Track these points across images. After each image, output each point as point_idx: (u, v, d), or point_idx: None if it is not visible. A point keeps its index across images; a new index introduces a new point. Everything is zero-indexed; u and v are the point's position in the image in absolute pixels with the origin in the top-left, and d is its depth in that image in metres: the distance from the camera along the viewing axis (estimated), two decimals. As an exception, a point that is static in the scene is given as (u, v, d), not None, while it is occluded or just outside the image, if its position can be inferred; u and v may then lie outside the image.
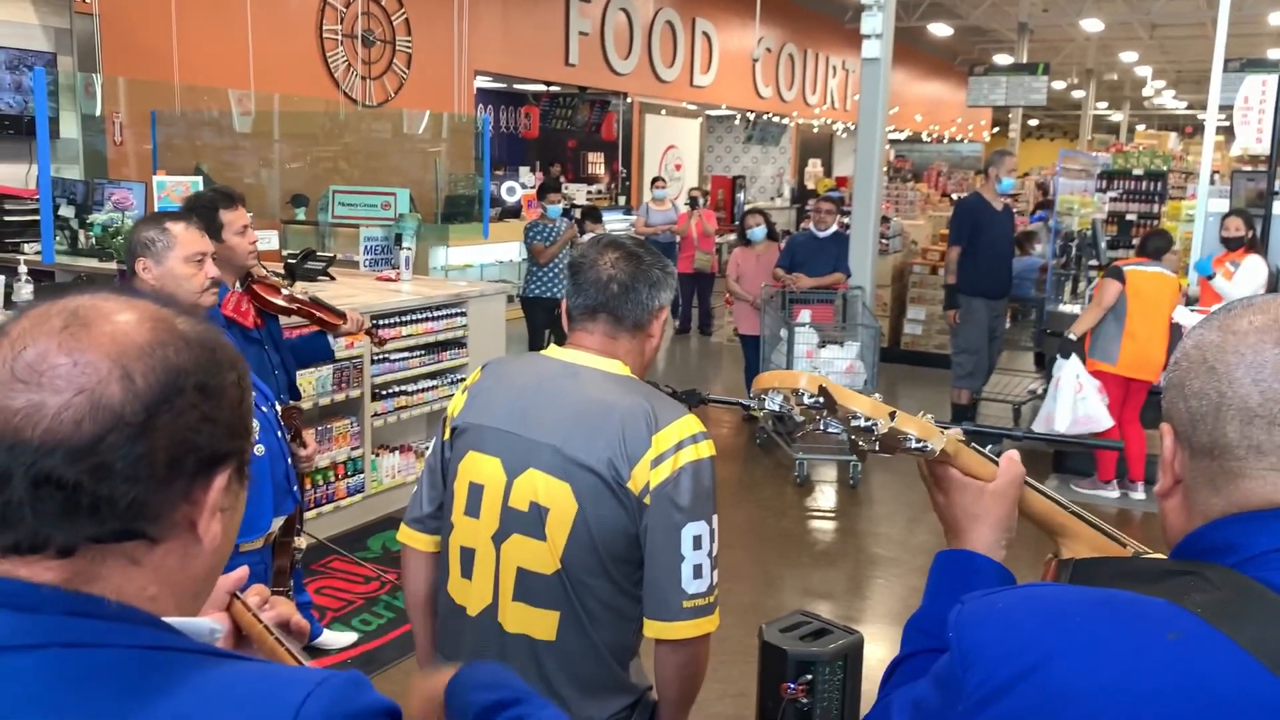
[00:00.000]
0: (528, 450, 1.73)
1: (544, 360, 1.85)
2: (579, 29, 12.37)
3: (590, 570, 1.71)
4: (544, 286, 7.53)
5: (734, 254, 7.59)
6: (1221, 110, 7.56)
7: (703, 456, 1.70)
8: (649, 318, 1.83)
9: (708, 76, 15.29)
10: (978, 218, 6.61)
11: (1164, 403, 0.93)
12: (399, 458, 5.40)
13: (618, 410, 1.70)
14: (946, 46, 23.44)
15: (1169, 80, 28.74)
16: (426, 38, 10.31)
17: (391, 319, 5.24)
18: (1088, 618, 0.83)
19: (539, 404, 1.76)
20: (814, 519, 5.83)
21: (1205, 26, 18.20)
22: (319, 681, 0.73)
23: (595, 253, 1.84)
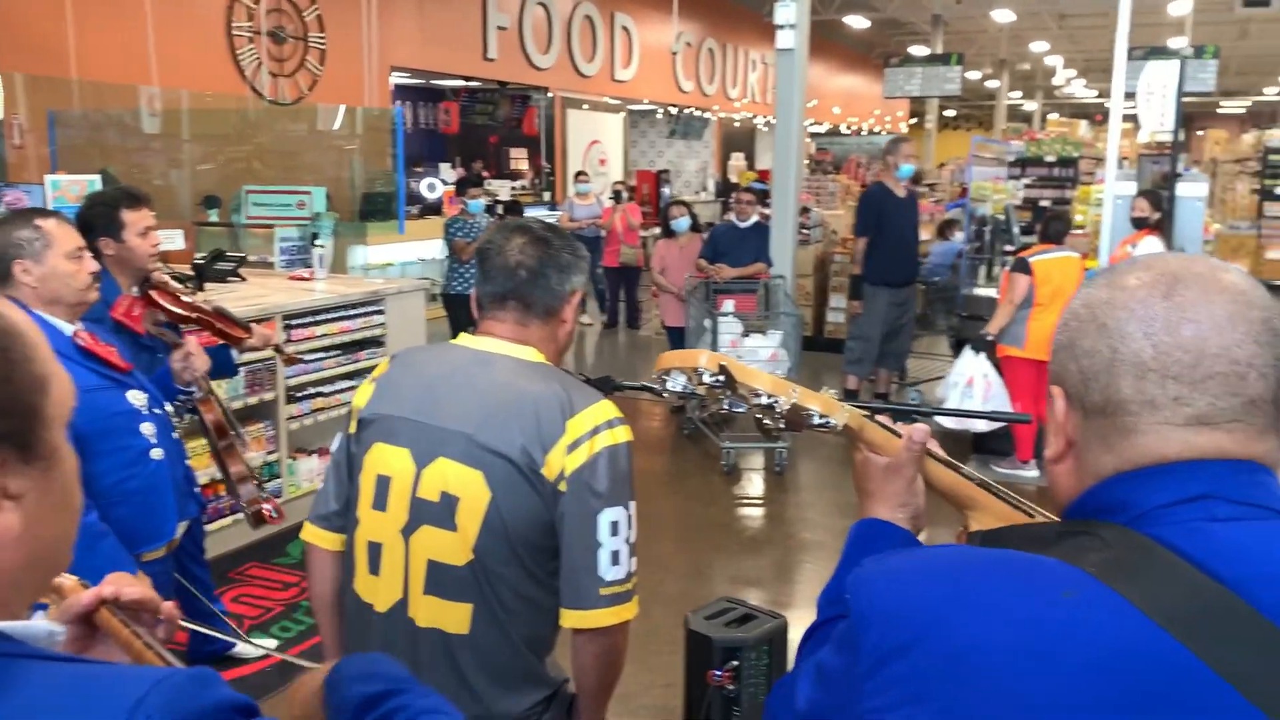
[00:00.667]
0: (438, 439, 1.70)
1: (455, 349, 1.81)
2: (497, 23, 12.26)
3: (504, 560, 1.67)
4: (466, 284, 7.44)
5: (658, 246, 7.60)
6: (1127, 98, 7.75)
7: (619, 441, 1.68)
8: (560, 303, 1.80)
9: (629, 71, 15.28)
10: (882, 206, 6.69)
11: (1053, 366, 0.92)
12: (317, 461, 5.27)
13: (532, 396, 1.67)
14: (863, 39, 23.77)
15: (1079, 69, 29.55)
16: (340, 33, 10.12)
17: (305, 319, 5.12)
18: (982, 578, 0.82)
19: (450, 392, 1.73)
20: (742, 507, 5.85)
21: (1110, 16, 18.73)
22: (158, 679, 0.68)
23: (502, 238, 1.80)
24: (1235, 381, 0.83)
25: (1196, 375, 0.83)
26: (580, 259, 1.84)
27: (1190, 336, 0.83)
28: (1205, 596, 0.76)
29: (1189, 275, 0.86)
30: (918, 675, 0.79)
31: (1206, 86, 15.01)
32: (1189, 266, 0.87)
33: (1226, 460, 0.83)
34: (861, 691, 0.81)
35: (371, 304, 5.52)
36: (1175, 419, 0.83)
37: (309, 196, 8.26)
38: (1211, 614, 0.75)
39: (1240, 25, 21.12)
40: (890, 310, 6.80)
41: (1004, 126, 23.97)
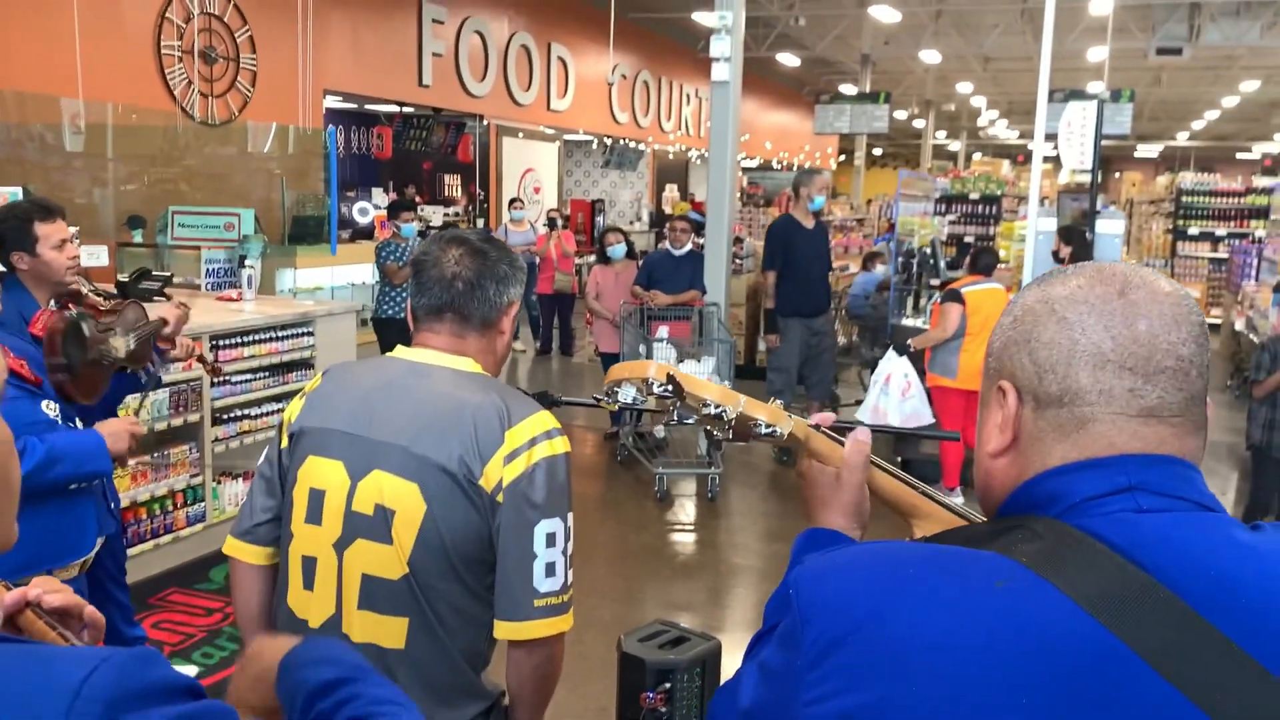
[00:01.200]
0: (373, 451, 1.68)
1: (390, 361, 1.80)
2: (432, 50, 12.24)
3: (440, 574, 1.65)
4: (397, 307, 7.37)
5: (593, 272, 7.63)
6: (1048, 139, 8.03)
7: (557, 452, 1.67)
8: (498, 314, 1.79)
9: (565, 101, 15.36)
10: (789, 238, 6.78)
11: (997, 361, 0.94)
12: (242, 485, 5.16)
13: (469, 407, 1.66)
14: (794, 76, 24.25)
15: (1002, 110, 30.47)
16: (272, 55, 10.01)
17: (233, 339, 5.03)
18: (919, 570, 0.84)
19: (385, 404, 1.71)
20: (674, 533, 5.87)
21: (1032, 60, 19.38)
22: (103, 658, 0.67)
23: (438, 249, 1.79)
24: (1181, 377, 0.87)
25: (1149, 369, 0.87)
26: (518, 270, 1.83)
27: (1144, 331, 0.87)
28: (1128, 582, 0.79)
29: (1136, 278, 0.90)
30: (856, 665, 0.80)
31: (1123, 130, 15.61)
32: (1136, 271, 0.91)
33: (1151, 455, 0.87)
34: (802, 683, 0.83)
35: (301, 326, 5.45)
36: (1129, 409, 0.87)
37: (237, 219, 8.12)
38: (1133, 599, 0.79)
39: (1154, 73, 22.04)
40: (805, 340, 6.88)
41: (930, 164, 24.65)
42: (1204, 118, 29.09)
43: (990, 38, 18.00)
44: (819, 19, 17.84)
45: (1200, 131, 31.93)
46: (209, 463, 4.92)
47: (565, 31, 15.24)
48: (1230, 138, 33.28)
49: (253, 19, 9.80)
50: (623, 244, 7.50)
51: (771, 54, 19.11)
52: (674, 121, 19.59)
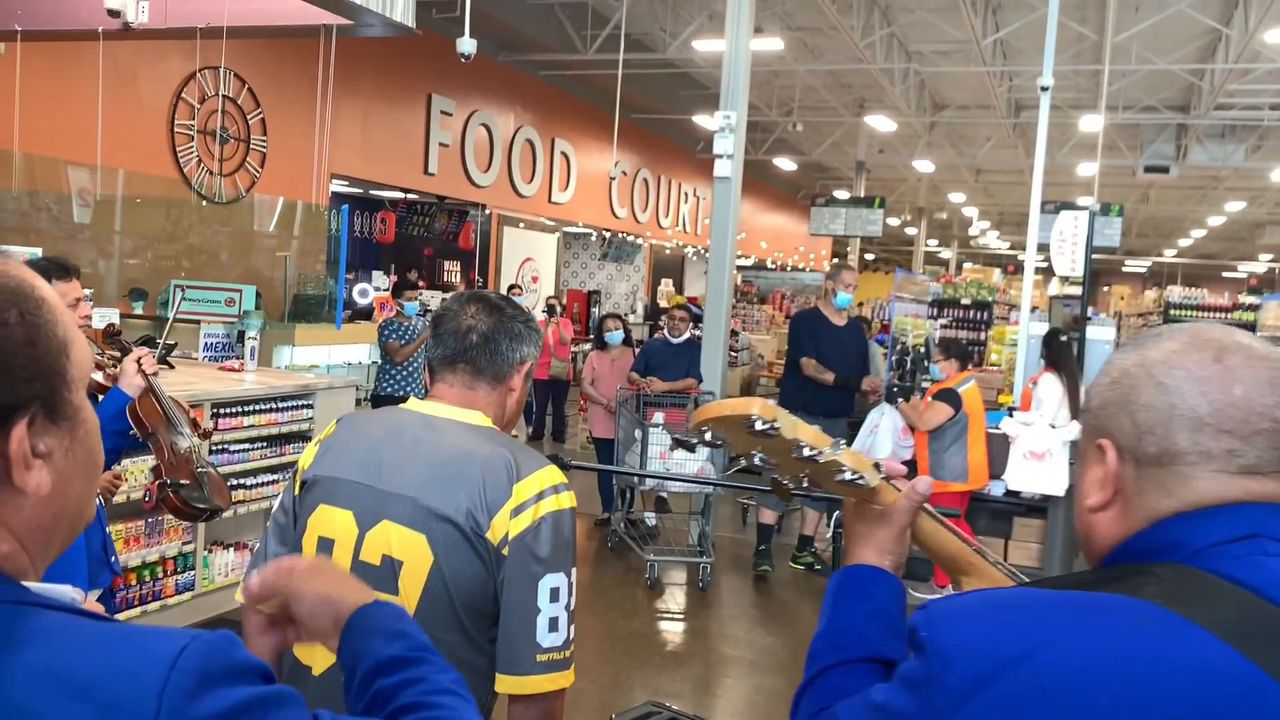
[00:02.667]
0: (382, 502, 1.70)
1: (401, 413, 1.83)
2: (439, 140, 12.54)
3: (445, 625, 1.66)
4: (397, 385, 7.42)
5: (590, 357, 7.70)
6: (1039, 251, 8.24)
7: (564, 507, 1.69)
8: (510, 370, 1.83)
9: (566, 194, 15.68)
10: (814, 329, 6.54)
11: (1096, 419, 0.98)
12: (234, 555, 5.13)
13: (478, 459, 1.69)
14: (790, 180, 24.82)
15: (993, 221, 31.11)
16: (283, 138, 10.25)
17: (233, 408, 5.06)
18: (1064, 609, 0.87)
19: (395, 455, 1.73)
20: (664, 620, 5.82)
21: (1024, 174, 19.92)
22: (194, 637, 0.72)
23: (457, 305, 1.85)
24: (1277, 437, 0.92)
25: (1246, 430, 0.91)
26: (533, 330, 1.88)
27: (1240, 396, 0.91)
28: (1264, 617, 0.84)
29: (1232, 343, 0.95)
30: (1012, 701, 0.83)
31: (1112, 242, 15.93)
32: (1230, 335, 0.96)
33: (1271, 503, 0.91)
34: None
35: (301, 398, 5.48)
36: (1229, 468, 0.92)
37: (239, 294, 8.21)
38: (1272, 631, 0.83)
39: (1142, 190, 22.60)
40: None
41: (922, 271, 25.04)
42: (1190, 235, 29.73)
43: (983, 150, 18.53)
44: (816, 126, 18.38)
45: (1187, 249, 32.60)
46: (202, 531, 4.90)
47: (569, 128, 15.64)
48: (1216, 256, 33.95)
49: (265, 102, 10.06)
50: (621, 330, 7.60)
51: (769, 157, 19.60)
52: (671, 218, 19.96)
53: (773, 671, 5.09)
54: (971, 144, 18.92)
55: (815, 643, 1.13)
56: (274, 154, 10.17)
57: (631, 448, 6.66)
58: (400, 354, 7.37)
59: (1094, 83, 13.49)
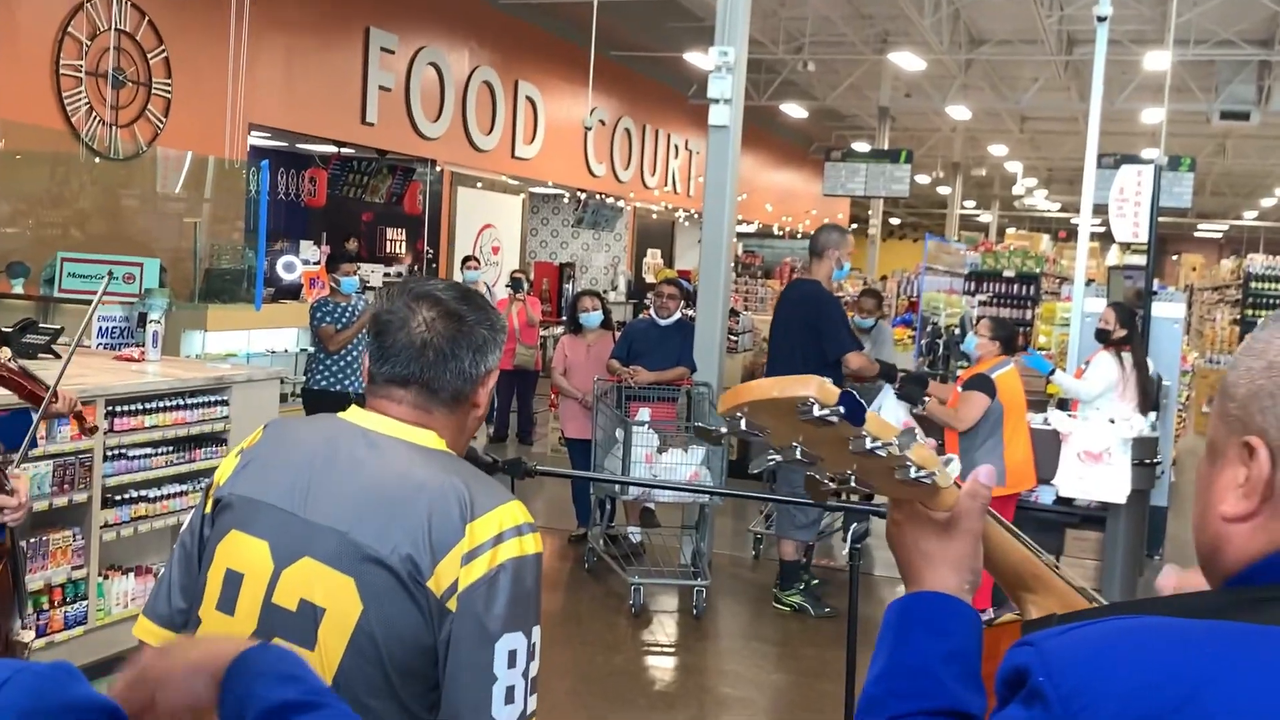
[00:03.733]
0: (305, 535, 1.68)
1: (339, 425, 1.81)
2: (379, 83, 12.48)
3: (373, 689, 1.63)
4: (333, 378, 7.40)
5: (562, 343, 7.70)
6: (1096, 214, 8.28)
7: (527, 553, 1.67)
8: (472, 387, 1.82)
9: (532, 148, 15.64)
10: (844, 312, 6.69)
11: (1243, 410, 0.97)
12: (135, 582, 5.12)
13: (426, 491, 1.67)
14: (800, 130, 24.83)
15: (1040, 179, 31.23)
16: (191, 81, 10.18)
17: (132, 405, 5.03)
18: (1221, 642, 0.86)
19: (327, 479, 1.72)
20: (652, 655, 5.85)
21: (1077, 121, 19.99)
22: (16, 670, 0.70)
23: (405, 308, 1.81)
24: None
25: None
26: (498, 333, 1.86)
27: None
28: None
29: None
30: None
31: (1182, 203, 16.05)
32: None
33: None
34: None
35: (214, 393, 5.47)
36: None
37: (139, 269, 8.16)
38: None
39: (1218, 140, 22.72)
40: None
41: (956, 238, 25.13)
42: (1275, 194, 29.88)
43: (1029, 93, 18.57)
44: (830, 65, 18.38)
45: (1270, 210, 32.78)
46: (96, 553, 4.88)
47: (536, 68, 15.60)
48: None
49: (170, 39, 9.98)
50: (599, 311, 7.59)
51: (775, 103, 19.61)
52: (659, 176, 19.96)
53: (780, 715, 5.11)
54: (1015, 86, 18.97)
55: (874, 687, 1.09)
56: (180, 100, 10.09)
57: (612, 450, 6.66)
58: (336, 341, 7.34)
59: (1160, 12, 13.52)
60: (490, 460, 2.12)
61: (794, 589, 6.36)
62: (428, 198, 13.90)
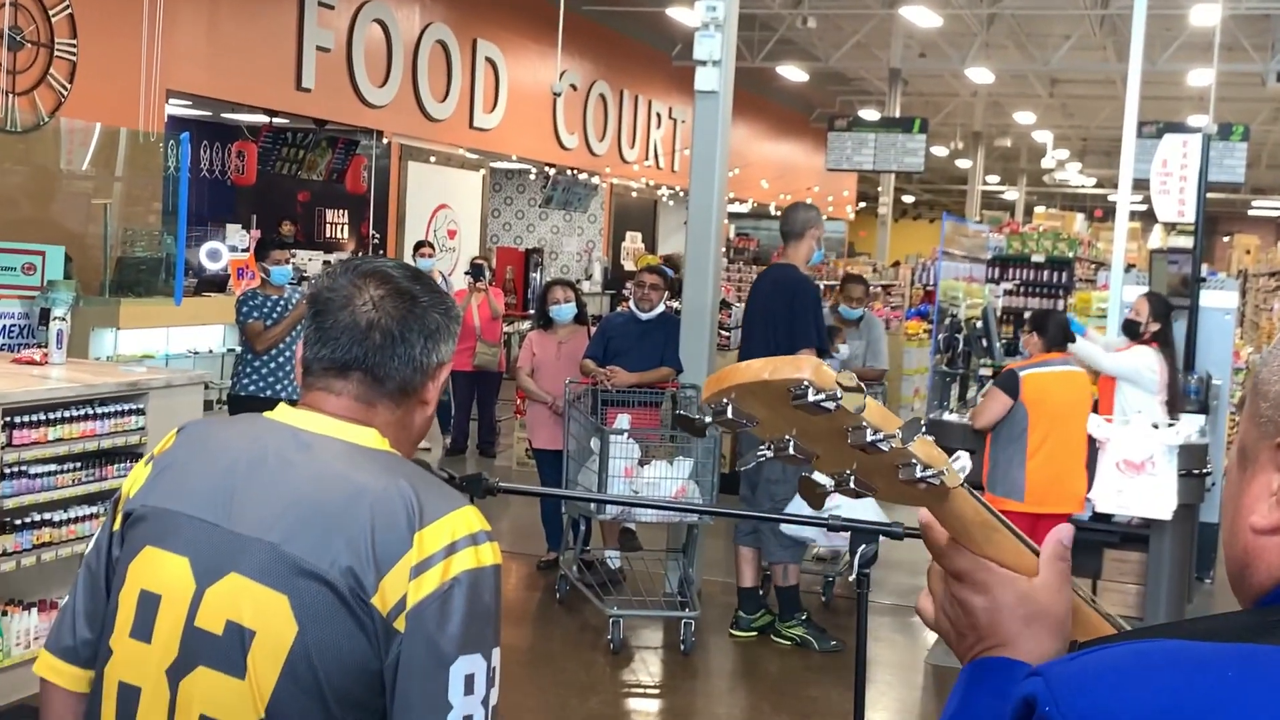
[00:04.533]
0: (231, 548, 1.69)
1: (266, 425, 1.83)
2: (317, 43, 12.43)
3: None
4: (263, 382, 7.37)
5: (529, 340, 7.69)
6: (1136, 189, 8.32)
7: (484, 564, 1.68)
8: (422, 380, 1.83)
9: (493, 117, 15.62)
10: (819, 302, 6.60)
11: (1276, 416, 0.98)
12: (38, 618, 5.09)
13: (367, 496, 1.68)
14: (800, 96, 24.89)
15: (1073, 150, 31.38)
16: (99, 42, 10.12)
17: (33, 415, 5.00)
18: (1243, 669, 0.87)
19: (254, 485, 1.73)
20: (633, 697, 5.87)
21: (1115, 85, 20.08)
22: None
23: (349, 284, 1.82)
24: None
25: None
26: (453, 321, 1.88)
27: None
28: None
29: None
30: None
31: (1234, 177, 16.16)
32: None
33: None
34: None
35: (128, 400, 5.45)
36: None
37: (40, 258, 8.13)
38: None
39: (1275, 106, 22.82)
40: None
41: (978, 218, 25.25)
42: (1339, 167, 30.09)
43: (1059, 53, 18.66)
44: (833, 21, 18.43)
45: (1333, 185, 33.02)
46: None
47: (497, 25, 15.58)
48: (1373, 194, 34.41)
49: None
50: (572, 303, 7.59)
51: (771, 64, 19.65)
52: (639, 149, 19.96)
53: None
54: (1044, 45, 19.06)
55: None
56: (87, 64, 10.04)
57: (587, 463, 6.66)
58: (265, 339, 7.31)
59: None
60: (446, 476, 2.12)
61: (794, 620, 6.38)
62: (373, 174, 13.87)
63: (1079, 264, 12.92)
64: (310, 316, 1.84)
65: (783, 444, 1.11)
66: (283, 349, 7.36)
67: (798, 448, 1.11)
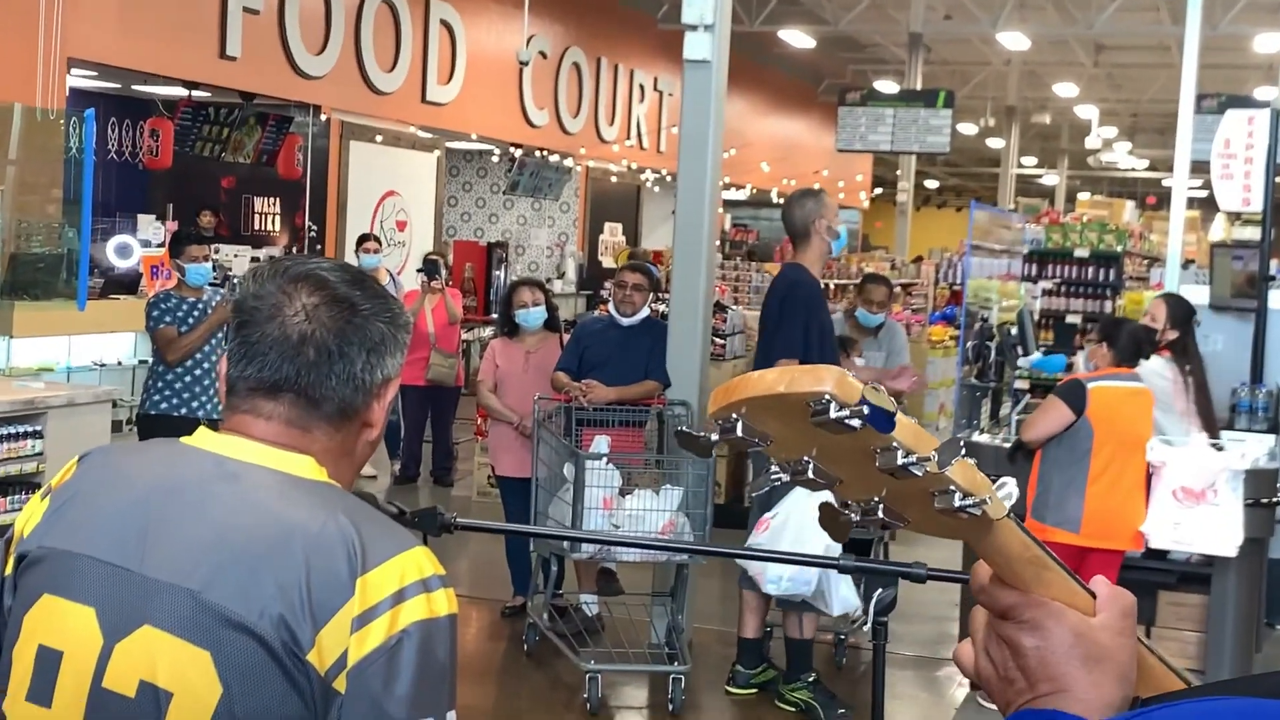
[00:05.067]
0: (143, 596, 1.69)
1: (184, 452, 1.82)
2: (244, 3, 12.41)
3: None
4: (177, 399, 7.34)
5: (492, 349, 7.68)
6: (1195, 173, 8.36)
7: (438, 614, 1.69)
8: (365, 399, 1.84)
9: (449, 89, 15.61)
10: (815, 305, 6.43)
11: None
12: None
13: (300, 535, 1.68)
14: (807, 65, 24.95)
15: (1122, 128, 31.48)
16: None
17: (-86, 438, 4.99)
18: None
19: (170, 522, 1.72)
20: (614, 766, 5.84)
21: (1169, 52, 20.18)
22: None
23: (277, 291, 1.82)
24: None
25: None
26: (400, 329, 1.88)
27: None
28: None
29: None
30: None
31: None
32: None
33: None
34: None
35: (23, 421, 5.44)
36: None
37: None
38: None
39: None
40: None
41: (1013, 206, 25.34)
42: None
43: (1105, 14, 18.73)
44: (845, -22, 18.47)
45: None
46: None
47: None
48: None
49: (-38, -56, 9.91)
50: (541, 306, 7.56)
51: (772, 28, 19.70)
52: (619, 127, 19.98)
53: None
54: (1088, 5, 19.14)
55: None
56: (-25, 28, 10.02)
57: (559, 492, 6.65)
58: (178, 348, 7.27)
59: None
60: (395, 511, 2.12)
61: (800, 682, 6.34)
62: (309, 157, 13.85)
63: (1128, 259, 12.95)
64: (234, 329, 1.84)
65: (800, 466, 1.10)
66: (200, 360, 7.32)
67: (817, 471, 1.10)
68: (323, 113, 13.87)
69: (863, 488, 1.12)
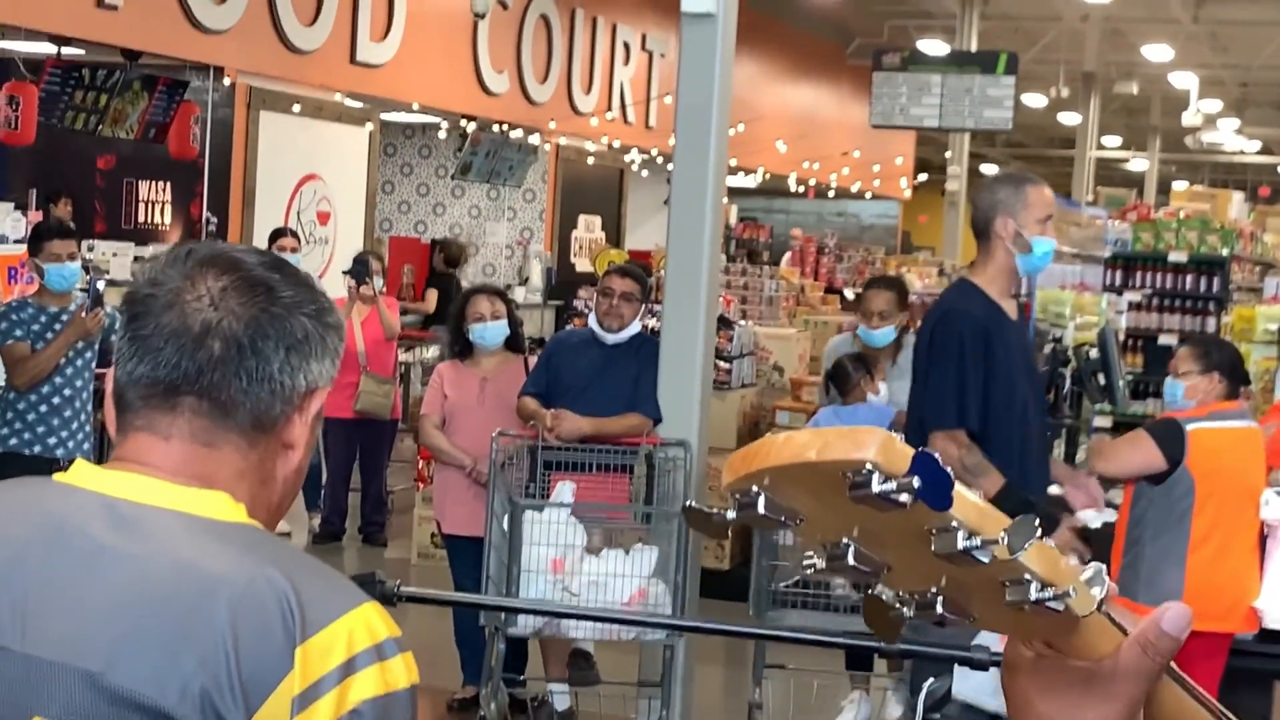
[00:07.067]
0: (29, 681, 1.68)
1: (60, 495, 1.82)
2: (128, -59, 12.45)
3: None
4: (29, 433, 7.36)
5: (439, 374, 7.68)
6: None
7: (395, 688, 1.70)
8: (284, 408, 1.85)
9: (385, 47, 15.64)
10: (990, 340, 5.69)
11: None
12: None
13: (224, 591, 1.68)
14: (833, 21, 25.05)
15: (1228, 101, 31.59)
16: None
17: None
18: None
19: (54, 586, 1.72)
20: None
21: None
22: None
23: (180, 275, 1.83)
24: None
25: None
26: (330, 329, 1.89)
27: None
28: None
29: None
30: None
31: None
32: None
33: None
34: None
35: None
36: None
37: None
38: None
39: None
40: None
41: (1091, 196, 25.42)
42: None
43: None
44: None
45: None
46: None
47: (391, -85, 15.64)
48: None
49: None
50: (502, 321, 7.56)
51: (790, -26, 19.77)
52: (598, 96, 20.03)
53: None
54: (1186, -52, 19.25)
55: None
56: None
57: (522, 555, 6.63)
58: (28, 368, 7.27)
59: None
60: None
61: None
62: (209, 130, 13.87)
63: (1236, 265, 12.98)
64: (125, 324, 1.84)
65: (838, 551, 1.10)
66: (61, 386, 7.32)
67: (859, 556, 1.10)
68: (226, 76, 13.89)
69: (917, 577, 1.12)
